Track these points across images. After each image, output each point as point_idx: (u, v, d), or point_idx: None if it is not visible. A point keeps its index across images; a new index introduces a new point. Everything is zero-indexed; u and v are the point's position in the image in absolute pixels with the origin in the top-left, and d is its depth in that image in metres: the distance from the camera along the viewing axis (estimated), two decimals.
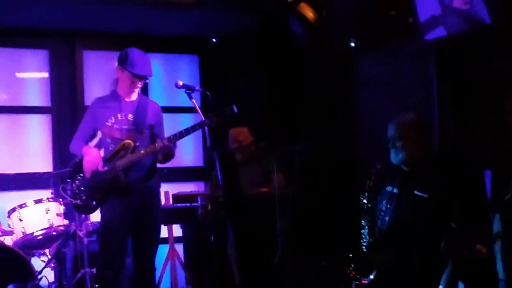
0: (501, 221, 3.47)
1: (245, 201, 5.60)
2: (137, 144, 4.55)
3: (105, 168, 4.54)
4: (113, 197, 4.55)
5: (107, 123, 4.62)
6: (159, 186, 4.82)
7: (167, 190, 6.21)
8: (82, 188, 4.59)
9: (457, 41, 4.53)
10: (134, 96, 4.70)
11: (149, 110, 4.71)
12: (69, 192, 4.62)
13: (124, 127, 4.61)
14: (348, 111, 6.12)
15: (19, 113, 6.43)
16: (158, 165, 4.81)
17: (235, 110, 4.19)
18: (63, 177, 4.76)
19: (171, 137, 4.44)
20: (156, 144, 4.45)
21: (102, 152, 4.65)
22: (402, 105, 5.19)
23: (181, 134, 4.40)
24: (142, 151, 4.51)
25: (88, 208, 4.63)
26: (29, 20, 6.00)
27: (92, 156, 4.54)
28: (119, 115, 4.62)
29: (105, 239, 4.62)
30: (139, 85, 4.65)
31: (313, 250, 5.64)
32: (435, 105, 4.95)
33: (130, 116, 4.63)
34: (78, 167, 4.61)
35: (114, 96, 4.70)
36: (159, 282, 5.99)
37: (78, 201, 4.60)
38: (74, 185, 4.62)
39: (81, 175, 4.60)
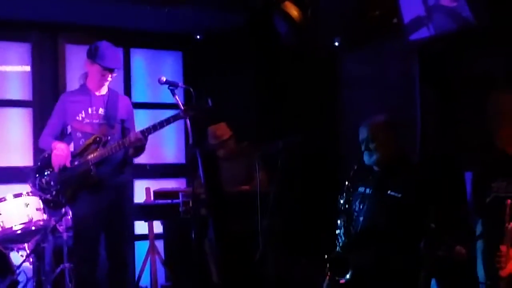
0: (482, 224, 3.49)
1: (227, 199, 5.59)
2: (109, 138, 4.53)
3: (76, 162, 4.50)
4: (85, 192, 4.52)
5: (77, 118, 4.58)
6: (131, 181, 4.79)
7: (148, 186, 6.19)
8: (51, 183, 4.54)
9: (440, 42, 4.55)
10: (104, 90, 4.67)
11: (120, 104, 4.69)
12: (37, 187, 4.57)
13: (95, 121, 4.58)
14: (332, 110, 6.13)
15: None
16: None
17: (210, 103, 4.17)
18: (32, 172, 4.71)
19: (145, 130, 4.42)
20: (129, 138, 4.44)
21: (72, 147, 4.62)
22: (385, 105, 5.20)
23: (155, 127, 4.38)
24: (114, 145, 4.48)
25: (58, 203, 4.59)
26: (12, 13, 5.93)
27: (61, 150, 4.50)
28: (89, 110, 4.59)
29: (79, 236, 4.60)
30: (109, 79, 4.62)
31: (294, 248, 5.64)
32: (418, 105, 4.97)
33: (101, 110, 4.61)
34: (47, 162, 4.56)
35: (84, 90, 4.67)
36: (139, 278, 5.97)
37: (48, 196, 4.55)
38: (43, 180, 4.56)
39: (50, 170, 4.55)
